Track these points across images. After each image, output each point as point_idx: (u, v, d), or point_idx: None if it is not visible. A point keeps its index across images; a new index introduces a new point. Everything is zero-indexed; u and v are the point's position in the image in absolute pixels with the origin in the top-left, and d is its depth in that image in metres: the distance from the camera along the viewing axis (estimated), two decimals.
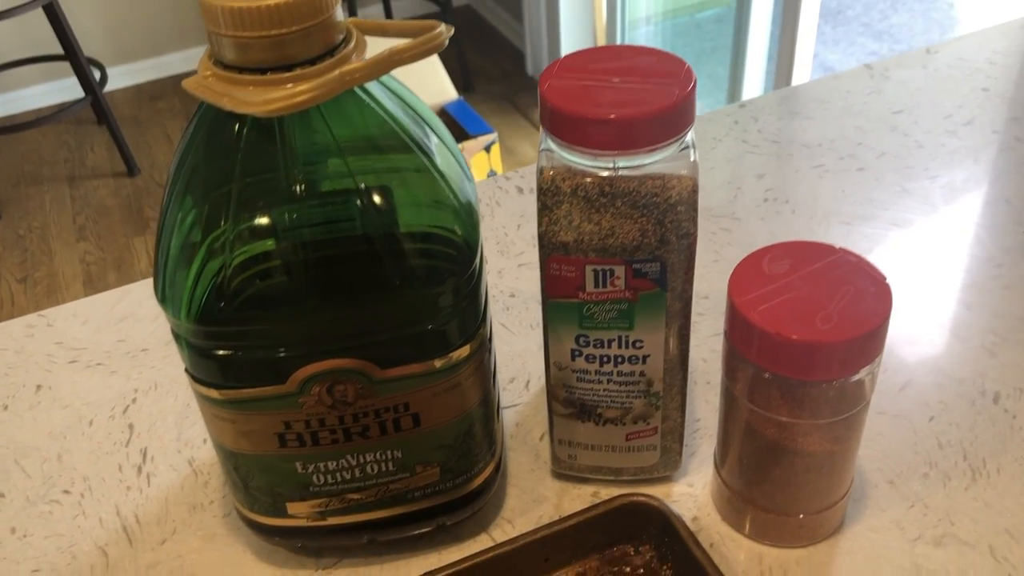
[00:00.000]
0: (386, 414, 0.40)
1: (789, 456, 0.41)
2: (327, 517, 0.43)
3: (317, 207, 0.37)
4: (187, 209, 0.37)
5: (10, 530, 0.49)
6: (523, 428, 0.52)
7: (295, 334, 0.38)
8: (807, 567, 0.44)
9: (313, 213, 0.37)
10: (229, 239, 0.36)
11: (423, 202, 0.38)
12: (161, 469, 0.51)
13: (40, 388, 0.57)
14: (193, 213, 0.37)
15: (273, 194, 0.36)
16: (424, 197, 0.38)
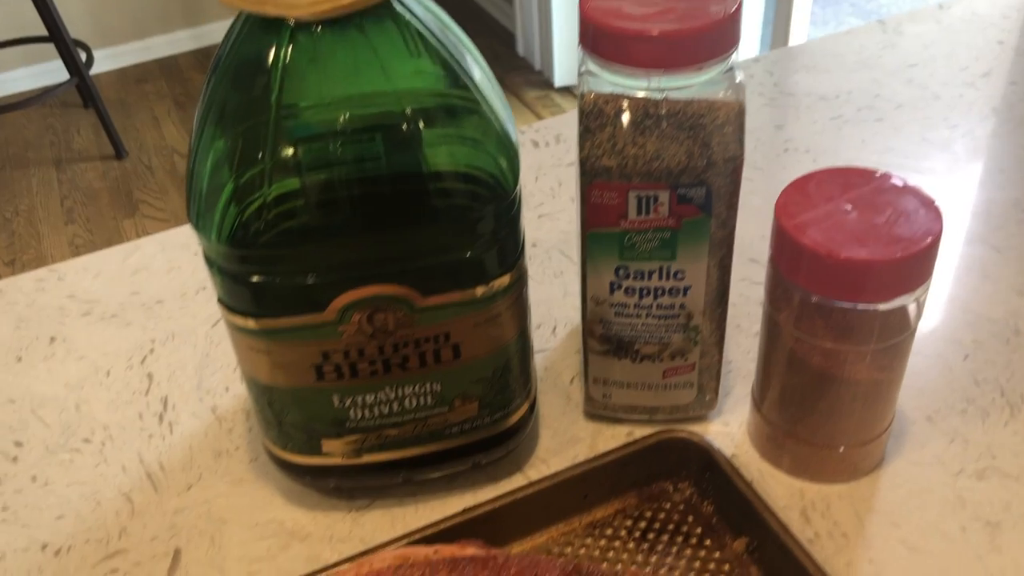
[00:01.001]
0: (426, 344, 0.39)
1: (835, 386, 0.41)
2: (362, 454, 0.42)
3: (359, 133, 0.36)
4: (221, 134, 0.36)
5: (31, 478, 0.48)
6: (552, 372, 0.51)
7: (335, 259, 0.37)
8: (849, 501, 0.43)
9: (354, 139, 0.36)
10: (267, 166, 0.35)
11: (466, 129, 0.37)
12: (183, 417, 0.50)
13: (54, 340, 0.56)
14: (228, 138, 0.36)
15: (314, 119, 0.35)
16: (468, 124, 0.37)
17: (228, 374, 0.53)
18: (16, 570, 0.43)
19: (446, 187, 0.37)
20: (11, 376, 0.54)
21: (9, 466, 0.48)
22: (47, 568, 0.43)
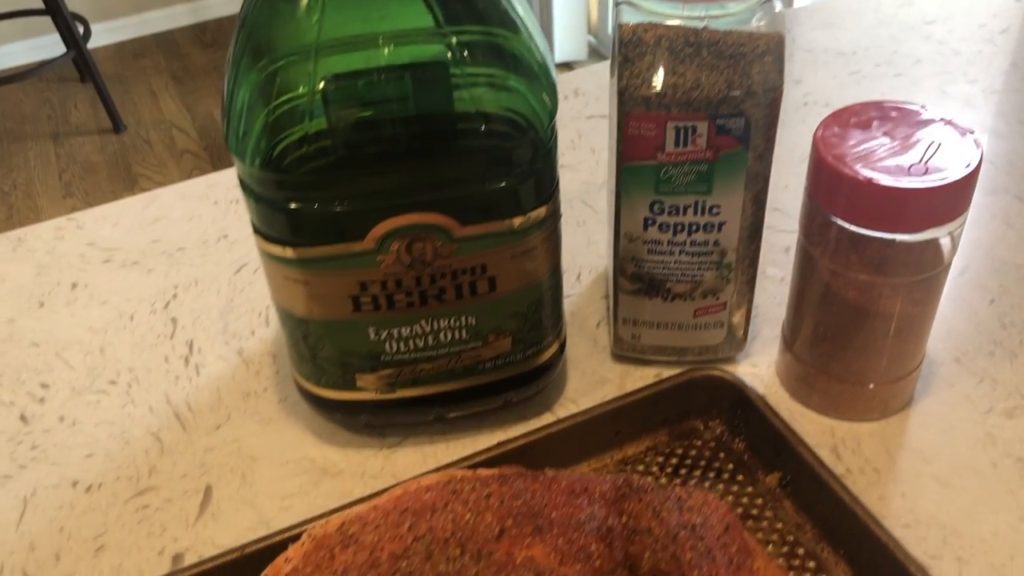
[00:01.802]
0: (463, 276, 0.39)
1: (868, 320, 0.41)
2: (396, 389, 0.42)
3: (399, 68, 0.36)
4: (261, 62, 0.35)
5: (58, 418, 0.48)
6: (579, 317, 0.51)
7: (374, 187, 0.37)
8: (879, 439, 0.43)
9: (394, 73, 0.35)
10: (307, 97, 0.35)
11: (506, 61, 0.37)
12: (209, 360, 0.50)
13: (76, 286, 0.56)
14: (267, 67, 0.35)
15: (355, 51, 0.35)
16: (508, 56, 0.37)
17: (254, 319, 0.52)
18: (48, 506, 0.43)
19: (485, 117, 0.36)
20: (34, 321, 0.54)
21: (36, 407, 0.48)
22: (78, 504, 0.43)
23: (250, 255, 0.57)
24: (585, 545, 0.27)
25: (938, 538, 0.39)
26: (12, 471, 0.45)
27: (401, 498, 0.30)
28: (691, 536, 0.27)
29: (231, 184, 0.63)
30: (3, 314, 0.54)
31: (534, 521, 0.28)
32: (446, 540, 0.28)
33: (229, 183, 0.63)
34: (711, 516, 0.28)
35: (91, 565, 0.41)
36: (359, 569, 0.28)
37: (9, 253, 0.59)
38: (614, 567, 0.27)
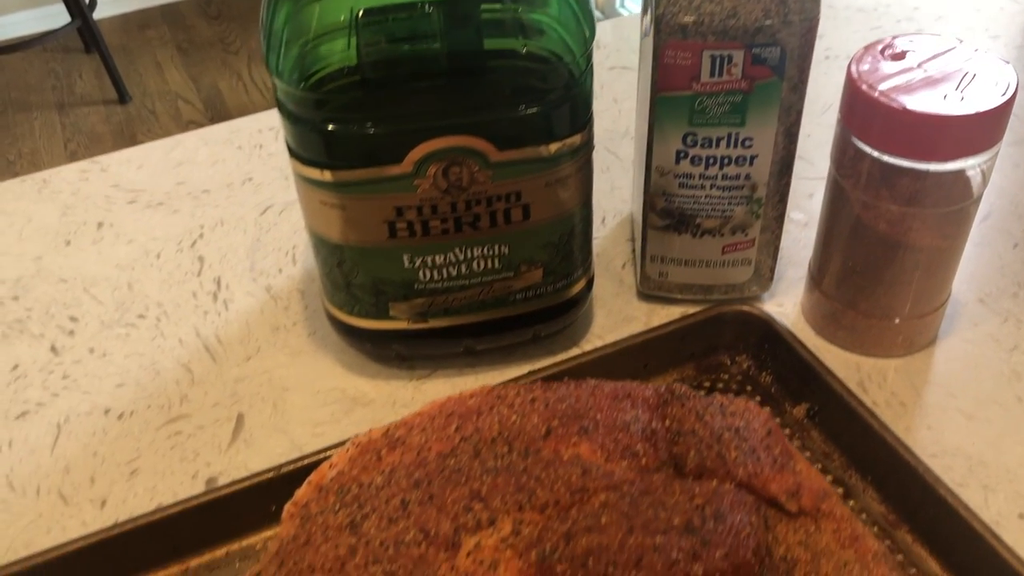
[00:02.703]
0: (498, 203, 0.39)
1: (898, 253, 0.41)
2: (428, 319, 0.43)
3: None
4: None
5: (88, 350, 0.48)
6: (604, 258, 0.52)
7: (412, 108, 0.37)
8: (905, 374, 0.44)
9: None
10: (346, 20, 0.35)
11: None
12: (237, 296, 0.51)
13: (101, 225, 0.56)
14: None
15: None
16: None
17: (281, 258, 0.53)
18: (81, 432, 0.44)
19: (524, 37, 0.37)
20: (61, 258, 0.54)
21: (66, 339, 0.49)
22: (111, 430, 0.44)
23: (275, 198, 0.57)
24: (630, 444, 0.28)
25: (964, 467, 0.40)
26: (45, 399, 0.45)
27: (446, 404, 0.31)
28: (735, 437, 0.28)
29: (254, 130, 0.63)
30: (30, 252, 0.54)
31: (579, 422, 0.28)
32: (493, 439, 0.28)
33: (252, 129, 0.63)
34: (753, 421, 0.29)
35: (125, 487, 0.41)
36: (407, 468, 0.29)
37: (34, 194, 0.59)
38: (659, 465, 0.27)
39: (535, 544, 0.25)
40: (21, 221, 0.57)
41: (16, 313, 0.50)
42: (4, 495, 0.41)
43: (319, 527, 0.28)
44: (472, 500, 0.27)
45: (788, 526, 0.26)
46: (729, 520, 0.25)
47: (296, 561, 0.28)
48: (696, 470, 0.27)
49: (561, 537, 0.25)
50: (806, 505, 0.27)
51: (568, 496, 0.26)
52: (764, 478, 0.27)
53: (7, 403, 0.45)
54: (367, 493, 0.28)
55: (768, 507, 0.26)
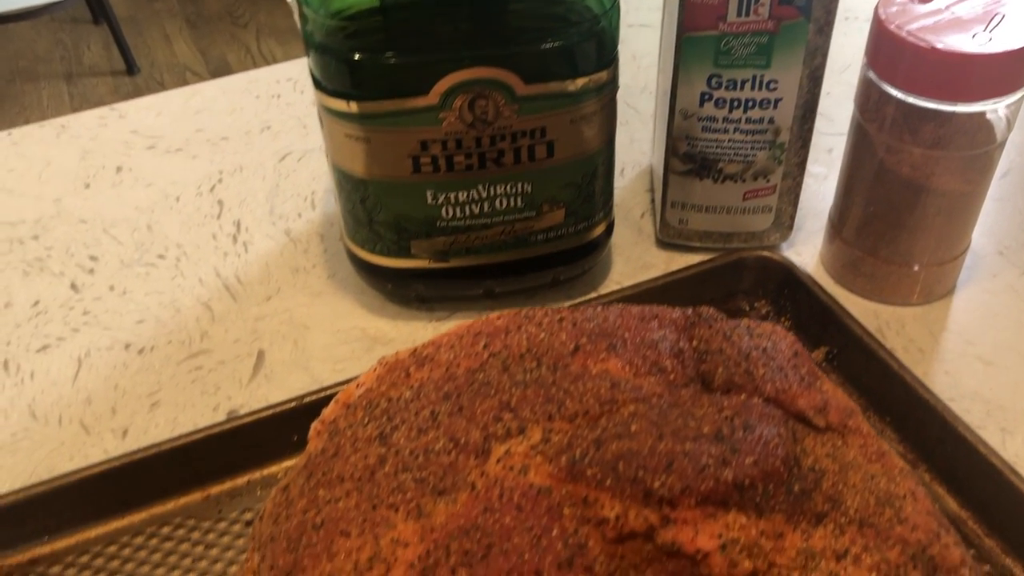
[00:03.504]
0: (522, 139, 0.39)
1: (921, 197, 0.41)
2: (449, 259, 0.43)
3: None
4: None
5: (108, 288, 0.48)
6: (623, 208, 0.52)
7: (439, 36, 0.37)
8: (923, 322, 0.44)
9: None
10: None
11: None
12: (257, 238, 0.51)
13: (120, 170, 0.56)
14: None
15: None
16: None
17: (300, 203, 0.53)
18: (102, 365, 0.44)
19: None
20: (80, 200, 0.54)
21: (86, 277, 0.49)
22: (132, 364, 0.44)
23: (293, 145, 0.57)
24: (658, 361, 0.28)
25: (982, 411, 0.40)
26: (65, 334, 0.46)
27: (473, 325, 0.31)
28: (762, 356, 0.28)
29: (272, 80, 0.63)
30: (49, 193, 0.55)
31: (607, 340, 0.28)
32: (522, 355, 0.29)
33: (270, 79, 0.63)
34: (780, 342, 0.29)
35: (147, 419, 0.41)
36: (435, 383, 0.29)
37: (53, 139, 0.59)
38: (687, 381, 0.28)
39: (565, 450, 0.25)
40: (40, 164, 0.57)
41: (36, 252, 0.51)
42: (27, 424, 0.41)
43: (348, 440, 0.29)
44: (501, 411, 0.27)
45: (815, 439, 0.26)
46: (758, 430, 0.25)
47: (325, 472, 0.28)
48: (724, 386, 0.27)
49: (591, 443, 0.25)
50: (833, 421, 0.27)
51: (597, 407, 0.26)
52: (792, 394, 0.27)
53: (28, 337, 0.46)
54: (396, 407, 0.29)
55: (796, 422, 0.27)
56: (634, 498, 0.24)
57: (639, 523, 0.24)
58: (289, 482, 0.29)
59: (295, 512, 0.28)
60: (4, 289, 0.48)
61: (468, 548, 0.24)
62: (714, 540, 0.23)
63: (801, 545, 0.23)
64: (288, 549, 0.27)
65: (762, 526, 0.24)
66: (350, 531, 0.26)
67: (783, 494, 0.24)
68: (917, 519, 0.25)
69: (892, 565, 0.23)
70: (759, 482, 0.24)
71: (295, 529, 0.27)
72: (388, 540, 0.25)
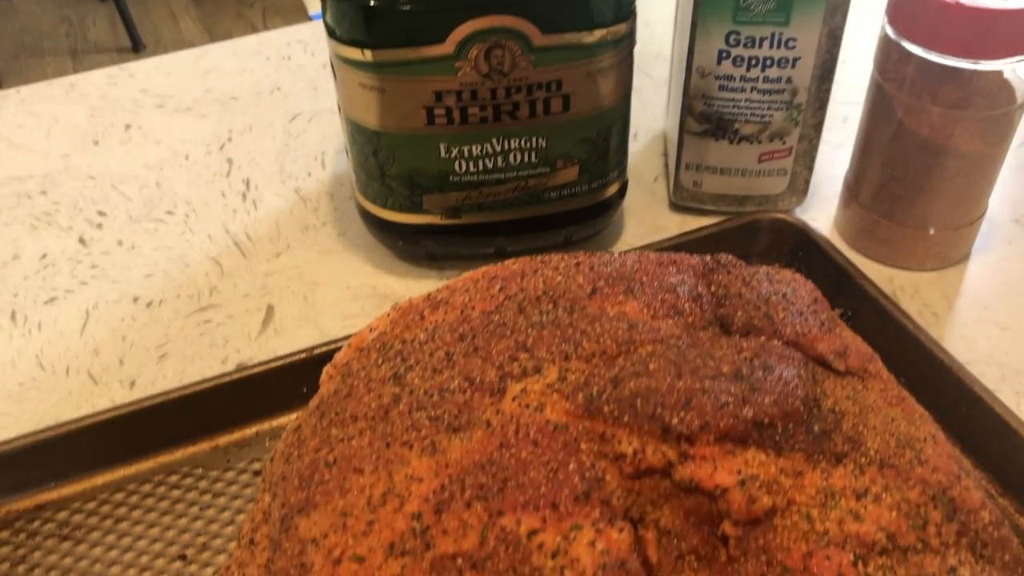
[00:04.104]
0: (538, 92, 0.39)
1: (940, 158, 0.41)
2: (461, 214, 0.42)
3: None
4: None
5: (117, 242, 0.48)
6: (636, 171, 0.51)
7: None
8: (938, 287, 0.44)
9: None
10: None
11: None
12: (266, 196, 0.50)
13: (129, 127, 0.56)
14: None
15: None
16: None
17: (310, 162, 0.52)
18: (110, 318, 0.44)
19: None
20: (89, 157, 0.54)
21: (94, 232, 0.48)
22: (140, 317, 0.44)
23: (304, 106, 0.57)
24: (677, 304, 0.28)
25: (997, 375, 0.40)
26: (73, 286, 0.45)
27: (488, 270, 0.31)
28: (782, 301, 0.28)
29: (282, 43, 0.63)
30: (58, 150, 0.54)
31: (625, 283, 0.28)
32: (538, 298, 0.28)
33: (280, 41, 0.63)
34: (800, 289, 0.29)
35: (155, 370, 0.41)
36: (450, 325, 0.28)
37: (62, 96, 0.58)
38: (705, 325, 0.27)
39: (582, 388, 0.25)
40: (48, 121, 0.56)
41: (44, 206, 0.50)
42: (34, 373, 0.41)
43: (361, 380, 0.28)
44: (517, 351, 0.27)
45: (835, 382, 0.26)
46: (777, 371, 0.25)
47: (338, 412, 0.28)
48: (743, 329, 0.27)
49: (608, 381, 0.25)
50: (853, 365, 0.27)
51: (615, 347, 0.26)
52: (812, 337, 0.27)
53: (36, 289, 0.45)
54: (410, 348, 0.28)
55: (815, 365, 0.26)
56: (652, 434, 0.24)
57: (657, 459, 0.23)
58: (301, 423, 0.29)
59: (307, 451, 0.28)
60: (12, 242, 0.48)
61: (483, 482, 0.24)
62: (733, 476, 0.23)
63: (821, 484, 0.23)
64: (300, 487, 0.27)
65: (781, 464, 0.23)
66: (363, 468, 0.26)
67: (802, 434, 0.24)
68: (937, 461, 0.24)
69: (912, 505, 0.23)
70: (778, 421, 0.24)
71: (307, 467, 0.27)
72: (402, 476, 0.25)
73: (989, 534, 0.24)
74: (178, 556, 0.34)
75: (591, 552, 0.21)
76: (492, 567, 0.22)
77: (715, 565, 0.22)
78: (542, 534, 0.22)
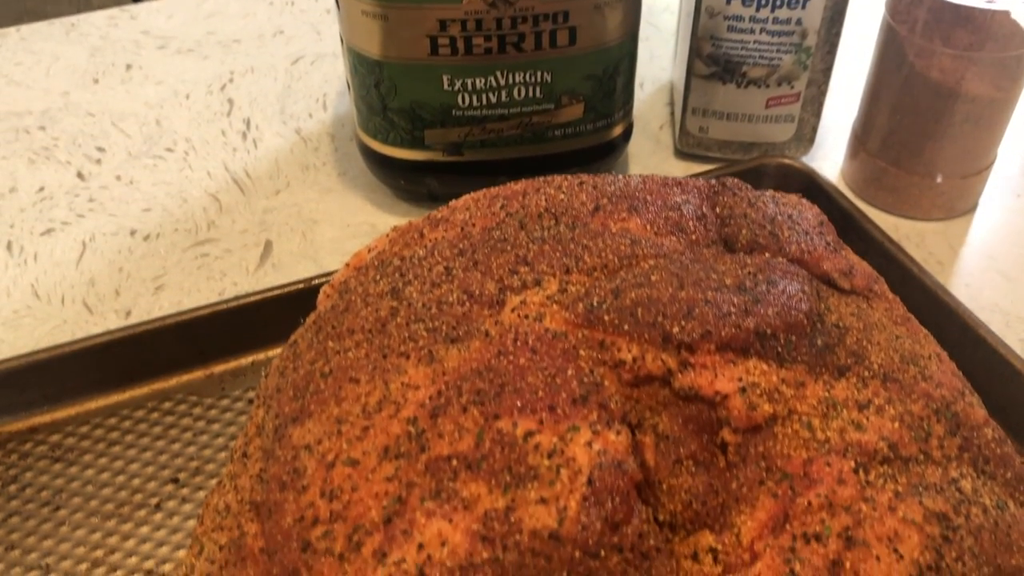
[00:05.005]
0: (544, 23, 0.38)
1: (951, 103, 0.40)
2: (463, 151, 0.42)
3: None
4: None
5: (115, 177, 0.47)
6: (641, 120, 0.51)
7: None
8: (943, 236, 0.43)
9: None
10: None
11: None
12: (267, 136, 0.50)
13: (130, 67, 0.55)
14: None
15: None
16: None
17: (311, 104, 0.52)
18: (107, 249, 0.43)
19: None
20: (88, 94, 0.53)
21: (93, 167, 0.48)
22: (137, 250, 0.43)
23: (306, 50, 0.56)
24: (681, 222, 0.27)
25: (1002, 322, 0.39)
26: (70, 219, 0.45)
27: (490, 190, 0.30)
28: (787, 221, 0.27)
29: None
30: (57, 87, 0.54)
31: (629, 201, 0.28)
32: (540, 214, 0.28)
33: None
34: (806, 212, 0.28)
35: (150, 301, 0.41)
36: (450, 242, 0.28)
37: (62, 36, 0.58)
38: (709, 243, 0.27)
39: (582, 299, 0.24)
40: (48, 60, 0.56)
41: (43, 141, 0.50)
42: (29, 302, 0.41)
43: (359, 296, 0.28)
44: (517, 264, 0.26)
45: (840, 300, 0.25)
46: (781, 285, 0.24)
47: (335, 326, 0.27)
48: (747, 247, 0.27)
49: (609, 292, 0.24)
50: (858, 285, 0.26)
51: (616, 261, 0.26)
52: (817, 256, 0.26)
53: (32, 221, 0.45)
54: (408, 264, 0.28)
55: (820, 283, 0.26)
56: (652, 342, 0.23)
57: (656, 366, 0.23)
58: (297, 338, 0.29)
59: (303, 364, 0.27)
60: (9, 175, 0.47)
61: (480, 388, 0.23)
62: (733, 383, 0.22)
63: (822, 395, 0.23)
64: (294, 397, 0.26)
65: (783, 375, 0.23)
66: (359, 378, 0.25)
67: (805, 346, 0.23)
68: (942, 377, 0.24)
69: (915, 417, 0.23)
70: (781, 333, 0.23)
71: (302, 379, 0.27)
72: (398, 384, 0.25)
73: (992, 451, 0.23)
74: (170, 479, 0.34)
75: (587, 452, 0.21)
76: (487, 467, 0.22)
77: (713, 470, 0.22)
78: (538, 435, 0.22)
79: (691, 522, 0.21)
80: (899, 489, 0.21)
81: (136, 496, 0.33)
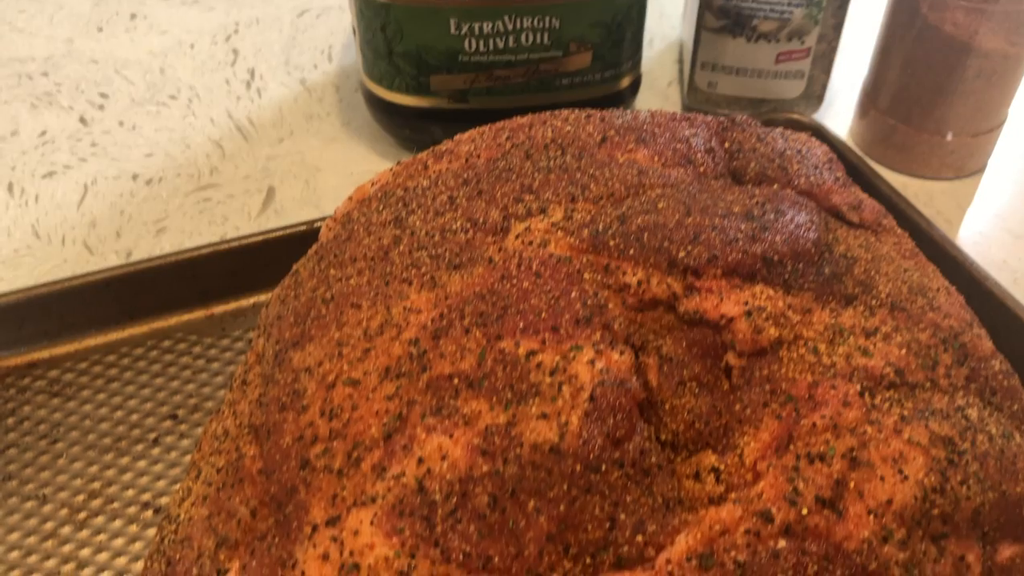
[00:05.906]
0: None
1: (963, 57, 0.40)
2: (469, 99, 0.41)
3: None
4: None
5: (118, 123, 0.47)
6: (649, 77, 0.50)
7: None
8: (952, 196, 0.43)
9: None
10: None
11: None
12: (271, 86, 0.49)
13: (135, 16, 0.55)
14: None
15: None
16: None
17: (316, 55, 0.51)
18: (108, 193, 0.43)
19: None
20: (92, 42, 0.53)
21: (95, 112, 0.48)
22: (139, 193, 0.43)
23: (313, 2, 0.56)
24: (689, 154, 0.27)
25: (1009, 280, 0.39)
26: (72, 162, 0.45)
27: (496, 124, 0.30)
28: (796, 155, 0.27)
29: None
30: (61, 35, 0.53)
31: (637, 133, 0.27)
32: (546, 145, 0.27)
33: None
34: (815, 148, 0.28)
35: (151, 243, 0.41)
36: (454, 172, 0.28)
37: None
38: (717, 176, 0.27)
39: (587, 225, 0.24)
40: (52, 7, 0.55)
41: (45, 87, 0.49)
42: (29, 242, 0.41)
43: (361, 225, 0.28)
44: (523, 193, 0.26)
45: (848, 232, 0.25)
46: (790, 214, 0.24)
47: (337, 255, 0.27)
48: (756, 179, 0.26)
49: (615, 219, 0.24)
50: (867, 218, 0.26)
51: (623, 190, 0.25)
52: (826, 189, 0.26)
53: (34, 164, 0.45)
54: (412, 195, 0.28)
55: (829, 215, 0.26)
56: (657, 267, 0.23)
57: (661, 290, 0.23)
58: (299, 267, 0.28)
59: (304, 291, 0.27)
60: (11, 119, 0.47)
61: (483, 310, 0.23)
62: (739, 307, 0.22)
63: (829, 321, 0.22)
64: (295, 323, 0.26)
65: (790, 300, 0.23)
66: (361, 303, 0.25)
67: (812, 274, 0.23)
68: (950, 309, 0.24)
69: (923, 345, 0.22)
70: (788, 260, 0.23)
71: (303, 305, 0.26)
72: (400, 308, 0.24)
73: (999, 382, 0.23)
74: (169, 416, 0.34)
75: (590, 370, 0.21)
76: (489, 385, 0.21)
77: (717, 393, 0.22)
78: (541, 354, 0.21)
79: (693, 442, 0.21)
80: (905, 413, 0.21)
81: (134, 431, 0.33)
